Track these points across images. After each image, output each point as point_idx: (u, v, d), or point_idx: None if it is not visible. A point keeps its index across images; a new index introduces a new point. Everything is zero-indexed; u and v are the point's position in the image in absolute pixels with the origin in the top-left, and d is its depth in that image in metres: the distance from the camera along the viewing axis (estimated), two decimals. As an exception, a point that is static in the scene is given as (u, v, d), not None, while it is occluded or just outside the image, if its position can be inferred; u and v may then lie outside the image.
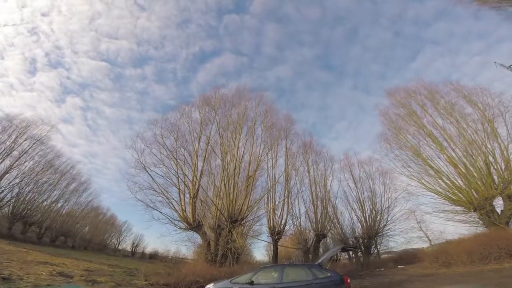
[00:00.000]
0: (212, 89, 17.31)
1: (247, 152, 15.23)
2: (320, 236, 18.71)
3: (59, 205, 35.29)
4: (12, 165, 26.23)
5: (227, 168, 14.21)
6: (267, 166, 17.54)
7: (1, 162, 25.30)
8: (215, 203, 14.36)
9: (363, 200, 24.26)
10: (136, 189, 13.51)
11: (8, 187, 27.18)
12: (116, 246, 54.34)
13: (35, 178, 29.52)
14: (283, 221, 17.70)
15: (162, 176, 13.84)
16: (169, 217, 13.67)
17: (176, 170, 14.07)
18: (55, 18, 46.67)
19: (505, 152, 15.07)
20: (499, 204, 15.29)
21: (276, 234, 17.03)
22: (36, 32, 49.18)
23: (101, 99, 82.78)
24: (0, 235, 25.05)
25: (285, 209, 17.94)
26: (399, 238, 23.94)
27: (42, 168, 30.14)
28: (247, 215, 14.48)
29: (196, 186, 14.36)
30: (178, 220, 13.90)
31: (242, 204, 13.89)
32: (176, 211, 13.95)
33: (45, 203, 32.83)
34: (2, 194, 27.05)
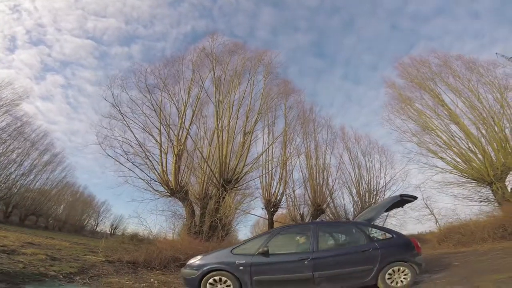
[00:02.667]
0: (209, 36, 14.73)
1: (244, 108, 13.06)
2: (318, 210, 17.08)
3: (29, 178, 31.80)
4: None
5: (222, 118, 11.98)
6: (263, 130, 15.54)
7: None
8: (205, 159, 12.05)
9: (358, 178, 22.93)
10: (107, 143, 11.10)
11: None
12: (94, 228, 51.60)
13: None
14: (280, 191, 15.95)
15: (141, 127, 11.39)
16: (146, 180, 11.29)
17: (159, 120, 11.60)
18: (40, -4, 41.85)
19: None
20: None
21: (272, 206, 15.22)
22: (18, 9, 44.13)
23: (84, 76, 77.41)
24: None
25: (283, 177, 16.13)
26: (393, 220, 22.87)
27: (10, 135, 26.57)
28: (243, 176, 12.33)
29: (183, 140, 11.99)
30: (158, 182, 11.61)
31: (238, 162, 11.81)
32: (156, 171, 11.58)
33: (13, 176, 29.37)
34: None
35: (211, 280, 4.57)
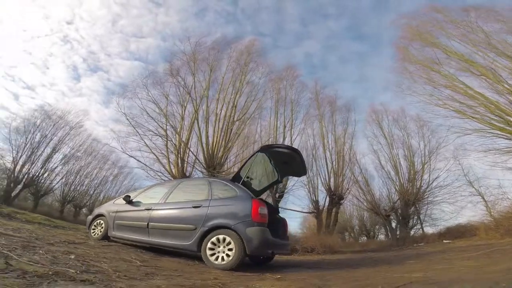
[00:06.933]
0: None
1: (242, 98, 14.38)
2: (333, 197, 16.10)
3: (106, 187, 37.74)
4: (54, 151, 28.41)
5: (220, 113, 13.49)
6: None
7: (44, 148, 27.73)
8: (194, 154, 13.38)
9: (397, 159, 20.33)
10: (127, 147, 13.55)
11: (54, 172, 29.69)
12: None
13: (77, 162, 31.97)
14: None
15: (150, 131, 13.42)
16: (155, 172, 13.31)
17: (165, 123, 13.56)
18: (80, 25, 49.97)
19: None
20: None
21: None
22: (68, 40, 53.22)
23: (141, 97, 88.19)
24: (53, 217, 27.99)
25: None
26: (447, 206, 17.77)
27: (84, 152, 32.32)
28: (228, 154, 13.47)
29: (185, 135, 13.58)
30: (165, 175, 13.25)
31: (225, 148, 12.65)
32: (163, 165, 13.41)
33: (93, 183, 35.33)
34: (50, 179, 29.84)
35: (95, 223, 5.67)
